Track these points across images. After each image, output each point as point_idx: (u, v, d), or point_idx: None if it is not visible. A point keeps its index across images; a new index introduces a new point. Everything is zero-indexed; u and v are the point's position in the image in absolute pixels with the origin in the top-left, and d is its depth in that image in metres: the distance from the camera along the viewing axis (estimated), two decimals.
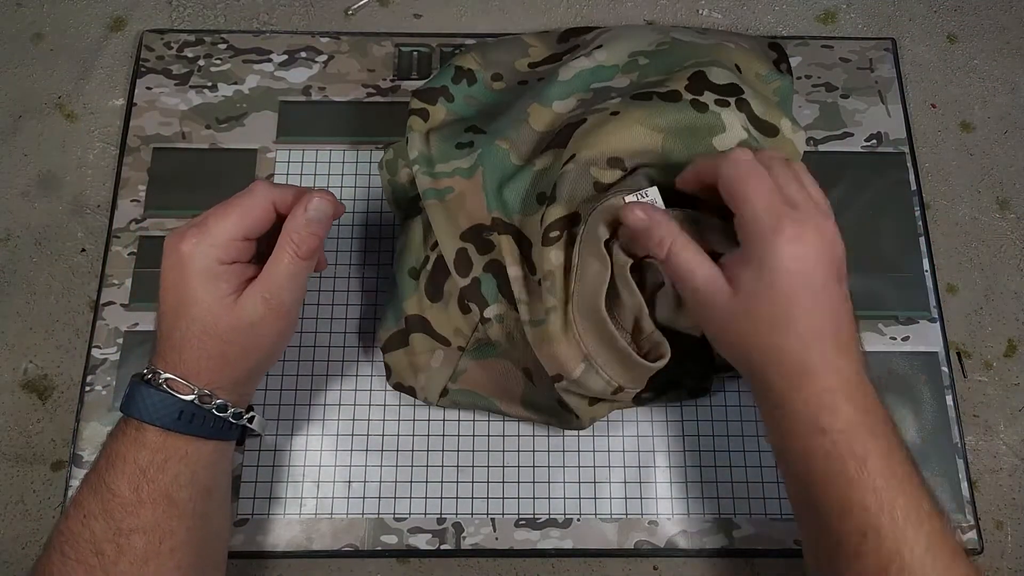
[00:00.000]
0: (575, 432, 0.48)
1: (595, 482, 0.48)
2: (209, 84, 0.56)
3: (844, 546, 0.35)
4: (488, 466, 0.48)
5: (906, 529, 0.34)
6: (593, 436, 0.49)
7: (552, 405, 0.45)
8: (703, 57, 0.48)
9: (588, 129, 0.44)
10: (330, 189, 0.50)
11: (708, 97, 0.44)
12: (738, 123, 0.44)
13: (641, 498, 0.48)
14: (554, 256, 0.41)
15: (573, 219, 0.42)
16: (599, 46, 0.50)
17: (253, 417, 0.42)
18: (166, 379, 0.38)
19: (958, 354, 0.52)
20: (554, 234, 0.42)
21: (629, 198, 0.40)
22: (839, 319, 0.37)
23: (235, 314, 0.38)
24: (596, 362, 0.41)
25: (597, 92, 0.48)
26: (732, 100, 0.45)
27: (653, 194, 0.40)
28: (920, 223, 0.54)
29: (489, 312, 0.44)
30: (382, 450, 0.48)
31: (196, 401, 0.38)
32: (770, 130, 0.45)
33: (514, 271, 0.43)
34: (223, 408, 0.39)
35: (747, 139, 0.44)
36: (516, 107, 0.48)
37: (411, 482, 0.48)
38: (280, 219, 0.40)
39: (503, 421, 0.49)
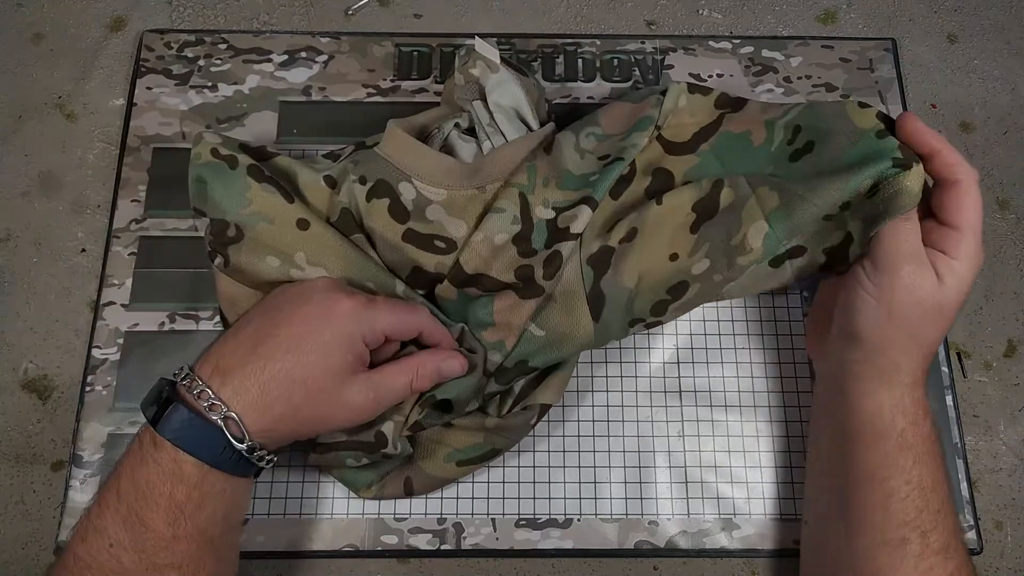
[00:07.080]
0: (575, 432, 0.48)
1: (595, 482, 0.48)
2: (209, 84, 0.56)
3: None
4: (488, 466, 0.48)
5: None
6: (593, 436, 0.49)
7: None
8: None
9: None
10: None
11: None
12: None
13: (641, 498, 0.48)
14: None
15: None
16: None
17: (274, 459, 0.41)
18: (226, 415, 0.37)
19: (958, 354, 0.52)
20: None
21: None
22: None
23: (339, 388, 0.39)
24: None
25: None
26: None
27: None
28: None
29: None
30: None
31: (249, 444, 0.38)
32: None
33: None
34: (261, 454, 0.39)
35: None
36: None
37: None
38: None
39: None
